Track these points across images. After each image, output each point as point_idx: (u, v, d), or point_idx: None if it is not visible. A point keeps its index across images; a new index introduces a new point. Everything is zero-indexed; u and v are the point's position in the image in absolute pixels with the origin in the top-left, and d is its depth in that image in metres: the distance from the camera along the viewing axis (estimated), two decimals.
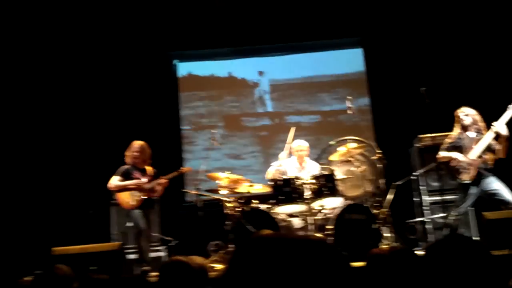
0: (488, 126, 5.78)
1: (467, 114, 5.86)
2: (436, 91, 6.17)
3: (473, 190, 5.68)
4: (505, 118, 5.60)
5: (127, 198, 6.26)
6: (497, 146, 5.66)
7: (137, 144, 6.40)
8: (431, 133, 6.09)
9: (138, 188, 6.25)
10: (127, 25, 8.70)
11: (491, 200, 5.66)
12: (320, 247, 0.93)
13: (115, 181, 6.28)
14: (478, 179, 5.67)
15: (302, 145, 6.82)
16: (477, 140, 5.72)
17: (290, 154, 6.85)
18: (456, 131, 5.92)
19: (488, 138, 5.66)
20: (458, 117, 5.88)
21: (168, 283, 2.63)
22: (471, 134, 5.83)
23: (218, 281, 2.91)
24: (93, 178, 7.84)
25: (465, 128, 5.85)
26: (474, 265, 1.89)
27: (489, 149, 5.70)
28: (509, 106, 5.63)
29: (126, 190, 6.27)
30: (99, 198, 7.66)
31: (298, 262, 0.88)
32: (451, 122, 6.04)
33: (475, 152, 5.68)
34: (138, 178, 6.31)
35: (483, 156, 5.68)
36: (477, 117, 5.86)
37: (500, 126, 5.56)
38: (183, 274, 2.63)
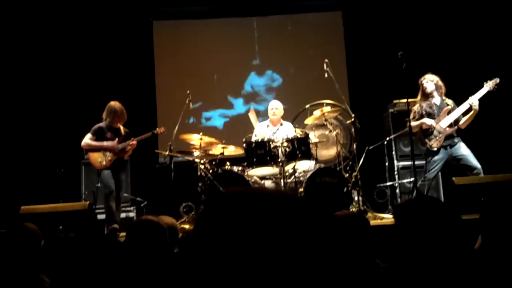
0: (457, 94, 5.86)
1: (430, 81, 5.91)
2: (413, 56, 6.15)
3: (441, 155, 5.78)
4: (480, 94, 5.68)
5: (99, 158, 6.19)
6: (463, 119, 5.77)
7: (119, 106, 6.29)
8: (405, 98, 6.09)
9: (109, 149, 6.18)
10: None
11: (458, 165, 5.78)
12: (293, 201, 0.87)
13: (87, 139, 6.21)
14: (447, 145, 5.78)
15: (277, 105, 6.79)
16: (447, 110, 5.78)
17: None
18: (419, 98, 5.98)
19: (461, 109, 5.74)
20: (422, 84, 5.93)
21: (137, 241, 2.59)
22: (437, 100, 5.89)
23: (184, 240, 2.90)
24: (65, 137, 7.71)
25: (427, 95, 5.90)
26: (442, 226, 1.90)
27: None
28: (485, 83, 5.69)
29: (97, 151, 6.20)
30: (70, 157, 7.55)
31: (269, 217, 0.83)
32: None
33: (446, 121, 5.76)
34: (111, 138, 6.22)
35: (453, 125, 5.78)
36: (440, 82, 5.93)
37: (475, 101, 5.62)
38: (152, 233, 2.59)
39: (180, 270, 0.88)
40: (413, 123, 5.88)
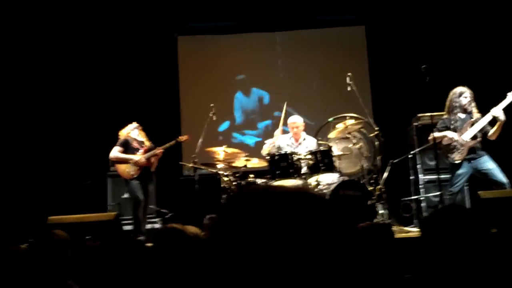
0: (480, 107, 5.79)
1: (464, 96, 5.81)
2: (436, 70, 6.13)
3: (465, 169, 5.70)
4: (503, 104, 5.61)
5: (127, 168, 6.33)
6: (491, 130, 5.68)
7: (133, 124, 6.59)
8: (430, 112, 6.06)
9: (134, 162, 6.31)
10: None
11: (484, 179, 5.69)
12: (317, 202, 0.82)
13: (115, 152, 6.36)
14: (471, 158, 5.69)
15: (296, 121, 6.81)
16: (471, 122, 5.72)
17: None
18: (449, 111, 5.88)
19: (484, 121, 5.67)
20: (460, 95, 5.82)
21: (162, 248, 2.64)
22: (462, 115, 5.81)
23: (204, 241, 2.93)
24: (91, 149, 7.85)
25: (459, 109, 5.81)
26: (470, 235, 1.88)
27: (481, 131, 5.72)
28: (508, 94, 5.63)
29: (125, 162, 6.34)
30: (96, 168, 7.68)
31: (291, 217, 0.78)
32: None
33: (469, 134, 5.69)
34: (137, 148, 6.39)
35: (477, 137, 5.70)
36: (471, 98, 5.83)
37: (499, 112, 5.56)
38: (177, 240, 2.63)
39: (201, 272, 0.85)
40: (436, 134, 5.82)
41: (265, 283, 0.75)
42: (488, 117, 5.65)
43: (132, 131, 6.51)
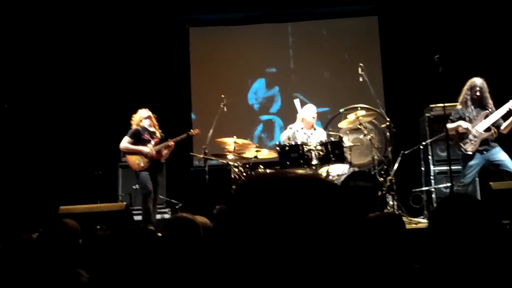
0: (494, 98, 5.70)
1: (476, 89, 5.70)
2: (449, 60, 6.05)
3: (477, 160, 5.64)
4: None
5: (137, 160, 6.34)
6: (504, 124, 5.59)
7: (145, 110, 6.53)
8: (442, 102, 5.98)
9: (145, 155, 6.32)
10: None
11: (496, 170, 5.63)
12: (328, 189, 0.80)
13: (125, 142, 6.38)
14: (484, 149, 5.62)
15: (315, 110, 6.73)
16: (485, 114, 5.64)
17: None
18: (462, 102, 5.79)
19: (500, 113, 5.57)
20: (471, 88, 5.72)
21: (172, 237, 2.65)
22: (476, 107, 5.72)
23: (210, 230, 2.94)
24: (102, 140, 7.89)
25: (471, 101, 5.73)
26: (479, 225, 1.85)
27: (494, 124, 5.63)
28: None
29: (135, 153, 6.36)
30: (108, 159, 7.72)
31: (302, 204, 0.76)
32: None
33: (483, 126, 5.61)
34: (148, 140, 6.38)
35: (491, 130, 5.62)
36: (485, 90, 5.72)
37: None
38: (186, 229, 2.64)
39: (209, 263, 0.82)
40: (449, 125, 5.75)
41: (273, 271, 0.74)
42: (503, 110, 5.55)
43: (144, 120, 6.49)
